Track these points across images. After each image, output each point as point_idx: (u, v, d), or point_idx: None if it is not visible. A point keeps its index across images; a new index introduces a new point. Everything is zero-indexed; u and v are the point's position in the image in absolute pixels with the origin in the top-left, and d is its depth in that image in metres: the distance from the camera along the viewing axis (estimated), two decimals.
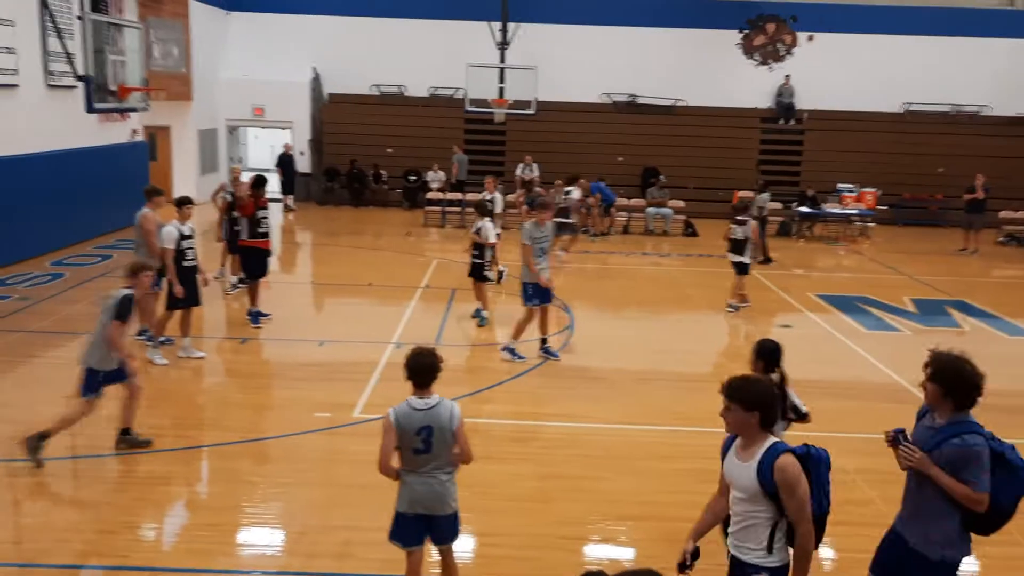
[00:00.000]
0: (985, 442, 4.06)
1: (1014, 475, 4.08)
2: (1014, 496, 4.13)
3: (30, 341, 10.42)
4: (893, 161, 23.86)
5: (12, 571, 5.54)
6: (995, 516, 4.13)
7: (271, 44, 24.55)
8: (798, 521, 3.88)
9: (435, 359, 4.85)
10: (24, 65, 14.67)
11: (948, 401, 4.12)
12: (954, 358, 4.14)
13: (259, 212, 11.29)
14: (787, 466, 3.84)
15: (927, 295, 14.84)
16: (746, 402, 3.93)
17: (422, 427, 4.72)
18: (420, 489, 4.80)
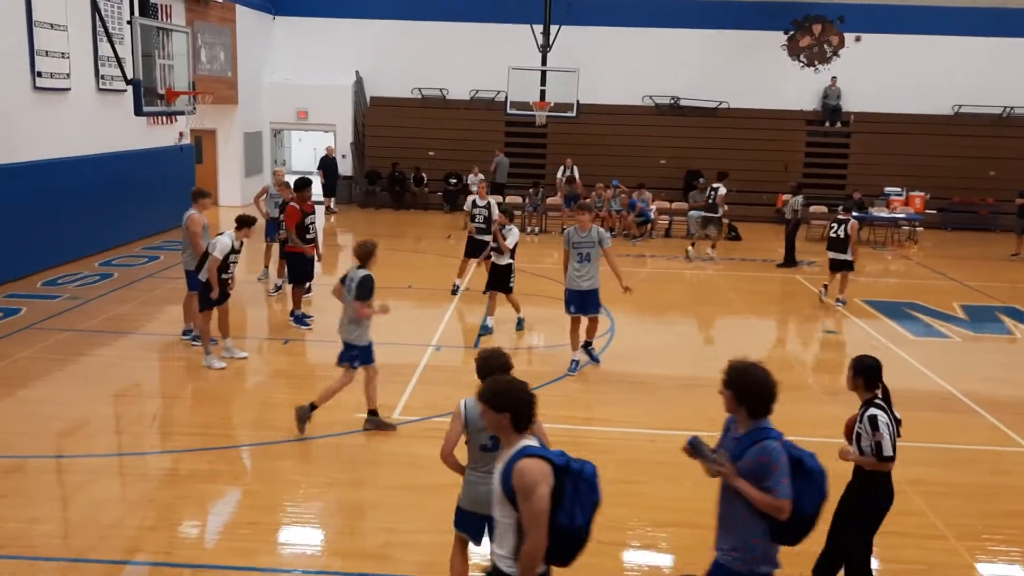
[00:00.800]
0: (783, 448, 4.02)
1: (812, 481, 4.03)
2: (815, 503, 4.06)
3: (79, 339, 10.64)
4: (942, 164, 23.40)
5: (59, 565, 5.65)
6: (799, 524, 4.05)
7: (315, 48, 24.84)
8: (528, 528, 3.70)
9: (506, 359, 4.81)
10: (76, 69, 15.02)
11: (742, 409, 4.08)
12: (747, 365, 4.11)
13: (306, 218, 11.38)
14: (525, 471, 3.68)
15: (977, 301, 14.51)
16: (495, 405, 3.83)
17: None
18: (484, 489, 4.73)
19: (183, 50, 13.78)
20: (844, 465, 5.30)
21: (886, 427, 4.96)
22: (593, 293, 9.69)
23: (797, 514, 3.99)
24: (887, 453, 4.96)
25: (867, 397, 5.14)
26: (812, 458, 4.10)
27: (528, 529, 3.69)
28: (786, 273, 16.49)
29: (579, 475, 3.79)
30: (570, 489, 3.75)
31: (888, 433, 4.95)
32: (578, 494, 3.77)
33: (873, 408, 5.05)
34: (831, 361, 11.03)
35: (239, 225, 9.62)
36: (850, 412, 8.87)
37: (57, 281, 13.57)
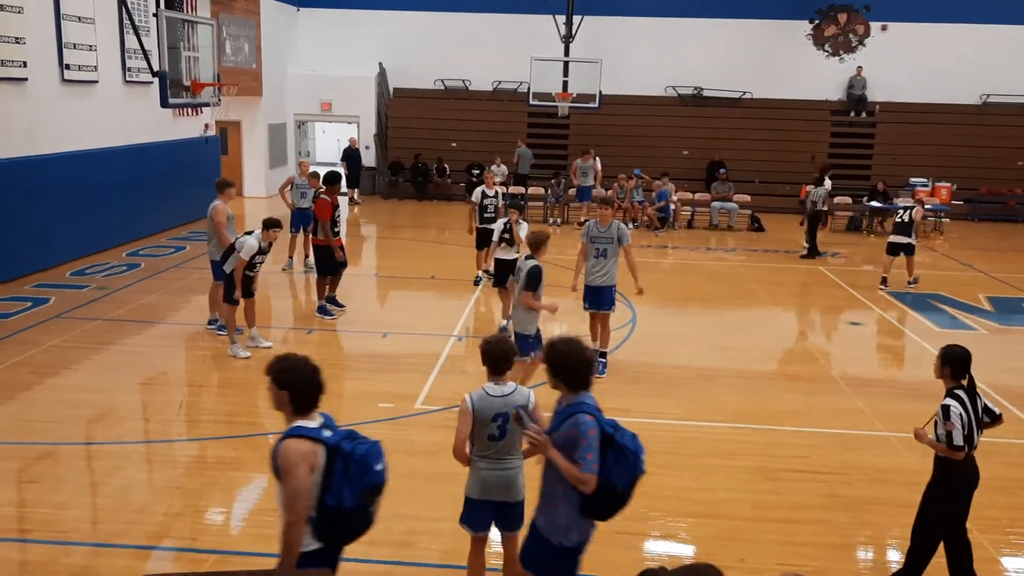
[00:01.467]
0: (595, 423, 4.06)
1: (624, 457, 4.06)
2: (627, 479, 4.09)
3: (107, 329, 10.80)
4: (970, 154, 23.11)
5: (89, 550, 5.77)
6: (610, 499, 4.09)
7: (338, 39, 24.94)
8: (285, 510, 3.73)
9: (509, 347, 4.87)
10: (103, 62, 15.19)
11: (560, 383, 4.19)
12: (562, 340, 4.24)
13: (335, 212, 11.46)
14: (285, 451, 3.73)
15: (1004, 293, 14.35)
16: (279, 382, 3.90)
17: (498, 414, 4.72)
18: (492, 475, 4.83)
19: (208, 42, 13.89)
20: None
21: (958, 417, 5.04)
22: (608, 290, 9.40)
23: (606, 488, 4.05)
24: (956, 443, 5.04)
25: (950, 386, 5.23)
26: (630, 438, 4.17)
27: (285, 507, 3.75)
28: (810, 264, 16.39)
29: (350, 456, 3.81)
30: (339, 470, 3.79)
31: (960, 423, 5.03)
32: (348, 475, 3.79)
33: (949, 398, 5.14)
34: (855, 354, 10.97)
35: (266, 227, 9.65)
36: (874, 405, 8.87)
37: (85, 271, 13.77)
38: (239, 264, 9.48)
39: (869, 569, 5.88)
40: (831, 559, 5.87)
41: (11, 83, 12.75)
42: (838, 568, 5.76)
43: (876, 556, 6.07)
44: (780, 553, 5.91)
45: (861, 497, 6.80)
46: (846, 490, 6.92)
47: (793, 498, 6.74)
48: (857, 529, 6.32)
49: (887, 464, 7.44)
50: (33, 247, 13.28)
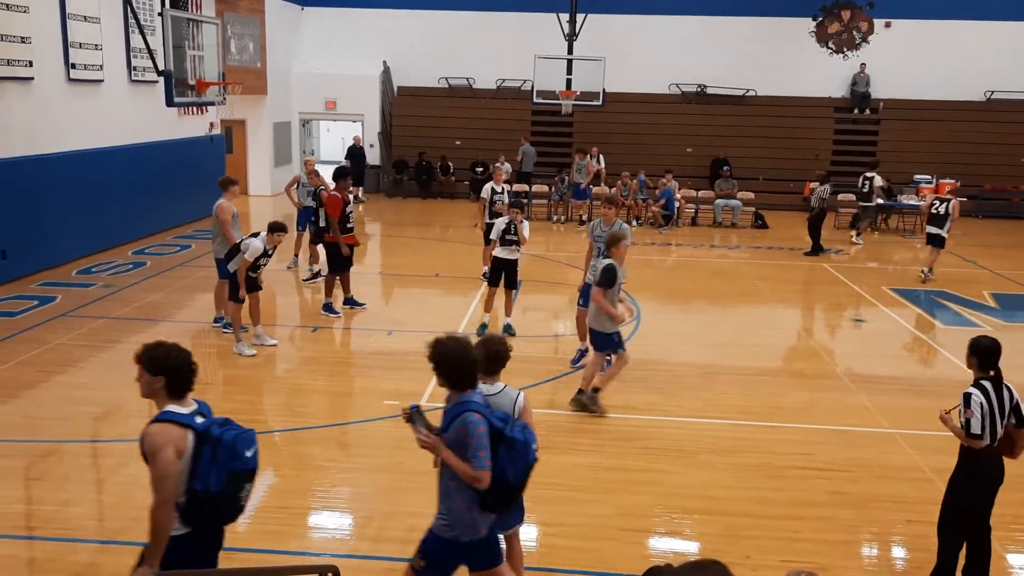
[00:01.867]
0: (483, 420, 4.10)
1: (515, 450, 4.11)
2: (521, 471, 4.15)
3: (113, 327, 10.83)
4: (974, 151, 23.05)
5: (94, 547, 5.80)
6: (504, 492, 4.16)
7: (343, 38, 24.96)
8: (153, 489, 3.76)
9: (503, 347, 4.89)
10: (108, 61, 15.23)
11: (445, 382, 4.25)
12: (449, 338, 4.27)
13: (346, 207, 11.47)
14: (152, 435, 3.76)
15: (1008, 290, 14.33)
16: (151, 368, 3.89)
17: None
18: None
19: (213, 41, 13.93)
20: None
21: (979, 407, 5.11)
22: None
23: (500, 483, 4.12)
24: (974, 431, 5.12)
25: (977, 376, 5.28)
26: (520, 429, 4.21)
27: (153, 491, 3.76)
28: (814, 262, 16.38)
29: (217, 441, 3.83)
30: (207, 455, 3.81)
31: (979, 413, 5.10)
32: (215, 460, 3.81)
33: (973, 387, 5.20)
34: (859, 350, 10.96)
35: (271, 230, 9.69)
36: (878, 402, 8.87)
37: (91, 270, 13.81)
38: (243, 265, 9.53)
39: (874, 566, 5.89)
40: (835, 556, 5.88)
41: (17, 82, 12.78)
42: (842, 565, 5.77)
43: (881, 553, 6.08)
44: (784, 550, 5.92)
45: (865, 494, 6.80)
46: (850, 487, 6.92)
47: (797, 495, 6.75)
48: (861, 526, 6.33)
49: (892, 461, 7.44)
50: (39, 246, 13.33)
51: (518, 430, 4.20)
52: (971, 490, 5.29)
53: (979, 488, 5.28)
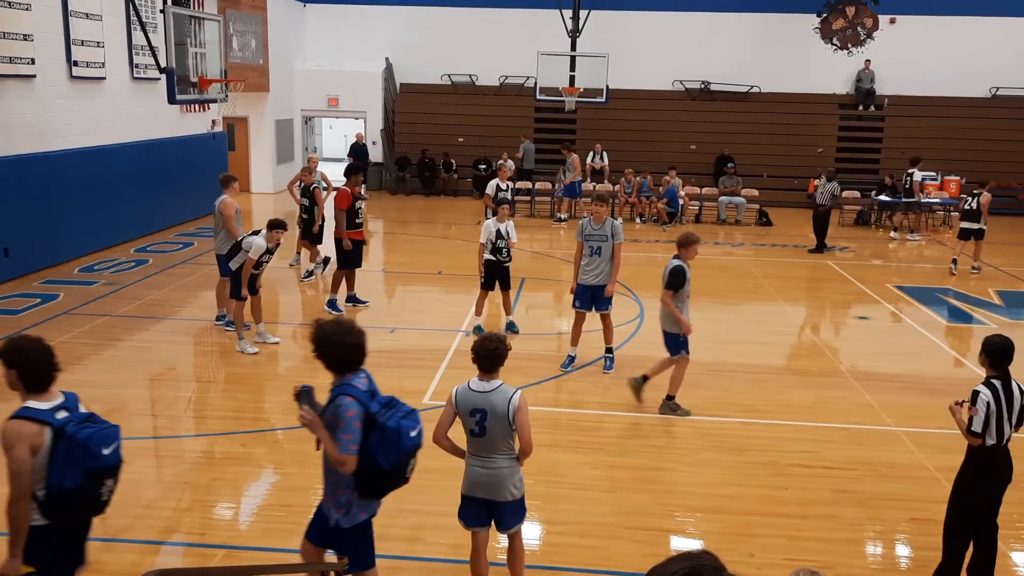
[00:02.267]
0: (355, 404, 4.14)
1: (385, 436, 4.12)
2: (394, 458, 4.15)
3: (115, 324, 10.83)
4: (979, 148, 22.97)
5: (97, 545, 5.77)
6: (380, 479, 4.18)
7: (345, 35, 24.94)
8: (8, 484, 3.80)
9: (499, 345, 4.91)
10: (111, 58, 15.21)
11: (325, 365, 4.30)
12: (330, 322, 4.44)
13: (356, 203, 11.45)
14: (6, 431, 3.80)
15: (1014, 287, 14.29)
16: (6, 360, 3.90)
17: (476, 409, 4.81)
18: (478, 473, 4.89)
19: (215, 38, 13.91)
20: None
21: (984, 405, 5.10)
22: (603, 289, 9.25)
23: (373, 468, 4.15)
24: (975, 428, 5.12)
25: (988, 375, 5.26)
26: (399, 416, 4.23)
27: (8, 486, 3.80)
28: (818, 259, 16.33)
29: (71, 439, 3.85)
30: (62, 452, 3.84)
31: (984, 411, 5.09)
32: (70, 457, 3.84)
33: (983, 385, 5.18)
34: (864, 348, 10.92)
35: (271, 227, 9.67)
36: (883, 400, 8.83)
37: (94, 267, 13.81)
38: (248, 264, 9.51)
39: (878, 564, 5.86)
40: (840, 554, 5.86)
41: (19, 80, 12.77)
42: (847, 563, 5.75)
43: (885, 551, 6.05)
44: (788, 548, 5.90)
45: (870, 492, 6.77)
46: (855, 485, 6.89)
47: (801, 493, 6.72)
48: (866, 524, 6.30)
49: (896, 459, 7.41)
50: (41, 243, 13.32)
51: (395, 417, 4.22)
52: (978, 489, 5.26)
53: (986, 487, 5.25)
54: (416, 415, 4.32)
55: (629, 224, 20.01)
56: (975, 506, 5.28)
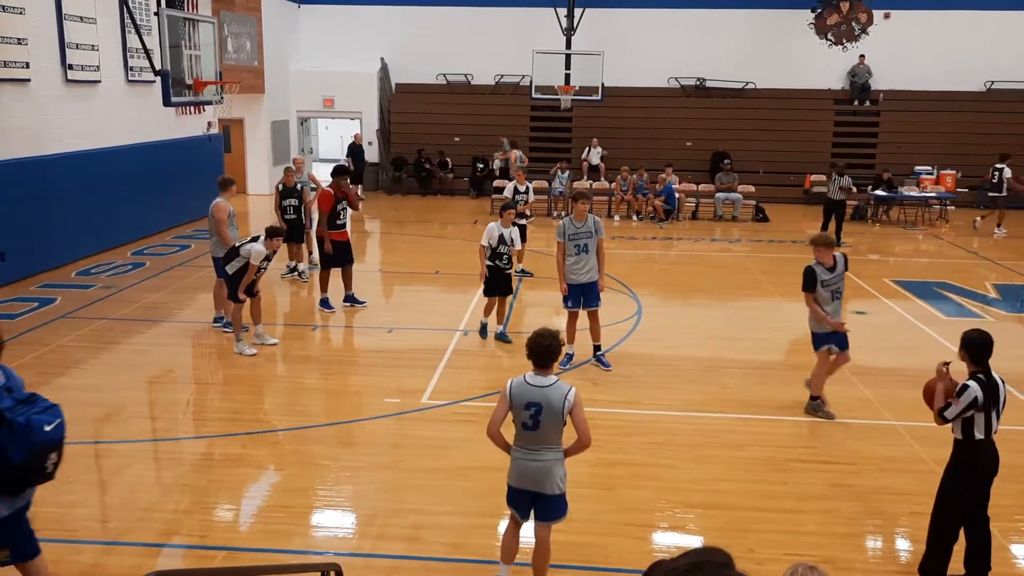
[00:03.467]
0: None
1: (13, 432, 4.15)
2: (24, 452, 4.17)
3: (113, 328, 10.82)
4: (974, 142, 22.99)
5: (98, 548, 5.79)
6: (13, 473, 4.20)
7: (340, 36, 24.92)
8: None
9: (553, 341, 5.00)
10: (105, 62, 15.20)
11: None
12: None
13: (338, 204, 11.46)
14: None
15: (1011, 280, 14.31)
16: None
17: (531, 402, 4.88)
18: (525, 465, 4.98)
19: (210, 40, 13.90)
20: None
21: (969, 401, 5.12)
22: (593, 285, 9.27)
23: (4, 463, 4.18)
24: (947, 415, 5.21)
25: (971, 371, 5.27)
26: (26, 412, 4.24)
27: None
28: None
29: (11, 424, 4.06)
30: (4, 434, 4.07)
31: (966, 404, 5.12)
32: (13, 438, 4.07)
33: (971, 380, 5.19)
34: (861, 343, 10.92)
35: (269, 235, 9.68)
36: (881, 394, 8.83)
37: (91, 271, 13.80)
38: (251, 271, 9.53)
39: (877, 558, 5.87)
40: (839, 548, 5.87)
41: (14, 84, 12.76)
42: (846, 557, 5.76)
43: (884, 545, 6.06)
44: (788, 543, 5.91)
45: (869, 486, 6.79)
46: (853, 479, 6.91)
47: (800, 488, 6.74)
48: (865, 518, 6.32)
49: (894, 453, 7.43)
50: (39, 247, 13.32)
51: (27, 412, 4.24)
52: (964, 481, 5.28)
53: (973, 479, 5.26)
54: (56, 410, 4.35)
55: (626, 222, 20.03)
56: (960, 498, 5.30)
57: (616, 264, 9.71)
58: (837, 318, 8.15)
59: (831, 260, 8.09)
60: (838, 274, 8.10)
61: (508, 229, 10.14)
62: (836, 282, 8.11)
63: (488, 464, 6.81)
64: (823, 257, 8.07)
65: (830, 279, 8.07)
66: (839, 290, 8.13)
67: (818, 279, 8.05)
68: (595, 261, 9.24)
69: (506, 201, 10.64)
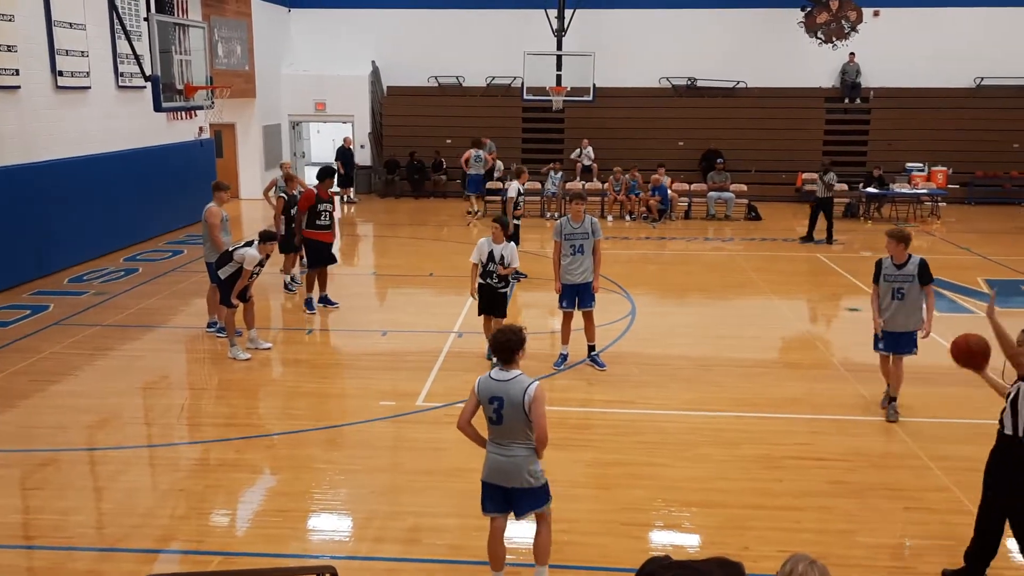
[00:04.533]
0: None
1: None
2: None
3: (106, 334, 10.79)
4: (965, 138, 23.10)
5: (95, 555, 5.78)
6: None
7: (331, 39, 24.91)
8: None
9: (512, 336, 5.03)
10: (95, 67, 15.16)
11: None
12: None
13: (320, 205, 11.47)
14: None
15: (1003, 275, 14.36)
16: None
17: (494, 397, 4.95)
18: (495, 460, 5.05)
19: (200, 45, 13.88)
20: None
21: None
22: (587, 286, 9.23)
23: None
24: None
25: None
26: None
27: None
28: (808, 252, 16.39)
29: None
30: None
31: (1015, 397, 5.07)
32: None
33: None
34: (855, 340, 10.96)
35: (262, 240, 9.68)
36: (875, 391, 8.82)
37: (83, 277, 13.76)
38: (245, 276, 9.54)
39: (875, 554, 5.89)
40: (835, 545, 5.89)
41: (4, 91, 12.72)
42: (843, 554, 5.77)
43: (881, 541, 6.08)
44: (784, 540, 5.92)
45: (864, 483, 6.81)
46: (849, 476, 6.93)
47: (796, 485, 6.75)
48: (861, 514, 6.33)
49: (889, 449, 7.45)
50: (30, 255, 13.27)
51: None
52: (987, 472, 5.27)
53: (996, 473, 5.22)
54: None
55: (619, 222, 20.05)
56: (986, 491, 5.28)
57: (610, 264, 9.73)
58: (894, 320, 7.96)
59: (902, 257, 7.89)
60: (905, 274, 7.87)
61: (500, 246, 9.12)
62: (900, 281, 7.89)
63: None
64: (893, 251, 7.92)
65: (894, 275, 7.89)
66: (901, 291, 7.89)
67: (882, 272, 7.99)
68: (590, 262, 9.23)
69: (496, 215, 9.62)
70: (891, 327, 8.00)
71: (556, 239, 9.28)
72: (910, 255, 7.93)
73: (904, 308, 7.91)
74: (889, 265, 7.96)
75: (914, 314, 7.95)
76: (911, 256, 7.92)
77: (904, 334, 8.01)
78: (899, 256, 7.90)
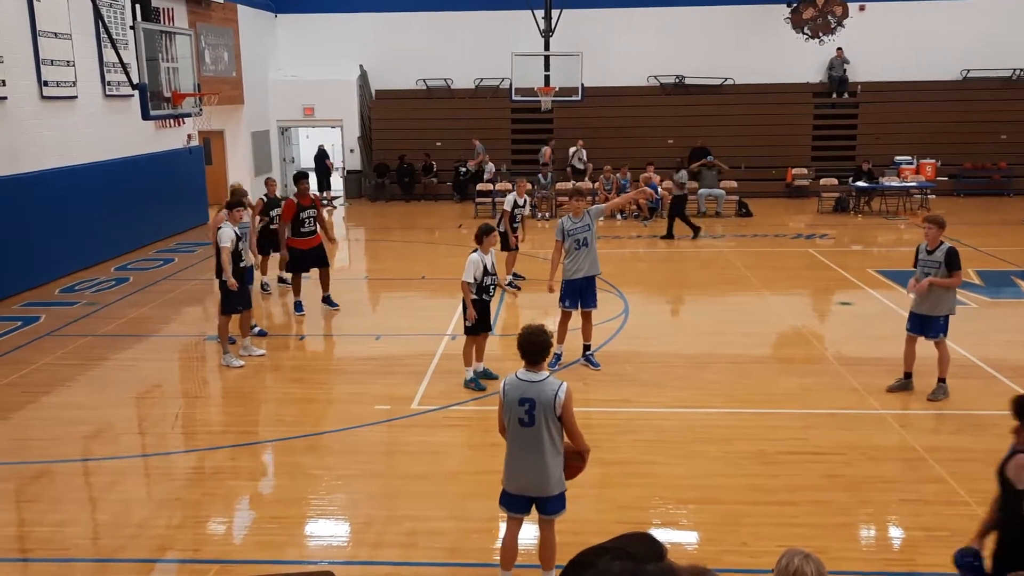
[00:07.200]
0: None
1: None
2: None
3: (98, 344, 10.76)
4: (953, 130, 23.21)
5: (91, 566, 5.75)
6: None
7: (318, 44, 24.87)
8: None
9: (543, 337, 5.01)
10: (82, 77, 15.11)
11: None
12: None
13: (302, 213, 11.44)
14: None
15: (993, 266, 14.42)
16: None
17: (525, 398, 4.89)
18: (523, 469, 4.99)
19: (187, 52, 13.85)
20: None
21: None
22: (592, 281, 9.24)
23: None
24: None
25: None
26: None
27: None
28: (800, 247, 16.44)
29: None
30: None
31: None
32: None
33: None
34: (847, 334, 11.01)
35: (229, 207, 9.67)
36: (868, 384, 8.86)
37: (74, 288, 13.71)
38: (226, 256, 9.43)
39: (871, 547, 5.91)
40: (832, 538, 5.90)
41: None
42: (839, 547, 5.79)
43: (877, 534, 6.11)
44: (781, 535, 5.93)
45: (859, 476, 6.83)
46: (844, 470, 6.95)
47: (791, 480, 6.77)
48: (857, 508, 6.35)
49: (884, 442, 7.47)
50: (20, 266, 13.21)
51: None
52: None
53: None
54: None
55: (610, 221, 20.07)
56: None
57: (602, 263, 9.72)
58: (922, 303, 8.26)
59: (935, 242, 8.21)
60: (933, 259, 8.18)
61: (490, 257, 8.75)
62: (928, 266, 8.18)
63: (481, 468, 6.83)
64: (929, 236, 8.24)
65: (925, 260, 8.24)
66: (929, 275, 8.17)
67: (918, 257, 8.29)
68: (595, 255, 9.27)
69: (484, 225, 8.85)
70: (918, 309, 8.33)
71: (558, 239, 9.32)
72: (941, 242, 8.22)
73: (931, 293, 8.17)
74: (923, 250, 8.31)
75: (941, 300, 8.21)
76: (942, 243, 8.21)
77: (930, 318, 8.30)
78: (932, 241, 8.22)
